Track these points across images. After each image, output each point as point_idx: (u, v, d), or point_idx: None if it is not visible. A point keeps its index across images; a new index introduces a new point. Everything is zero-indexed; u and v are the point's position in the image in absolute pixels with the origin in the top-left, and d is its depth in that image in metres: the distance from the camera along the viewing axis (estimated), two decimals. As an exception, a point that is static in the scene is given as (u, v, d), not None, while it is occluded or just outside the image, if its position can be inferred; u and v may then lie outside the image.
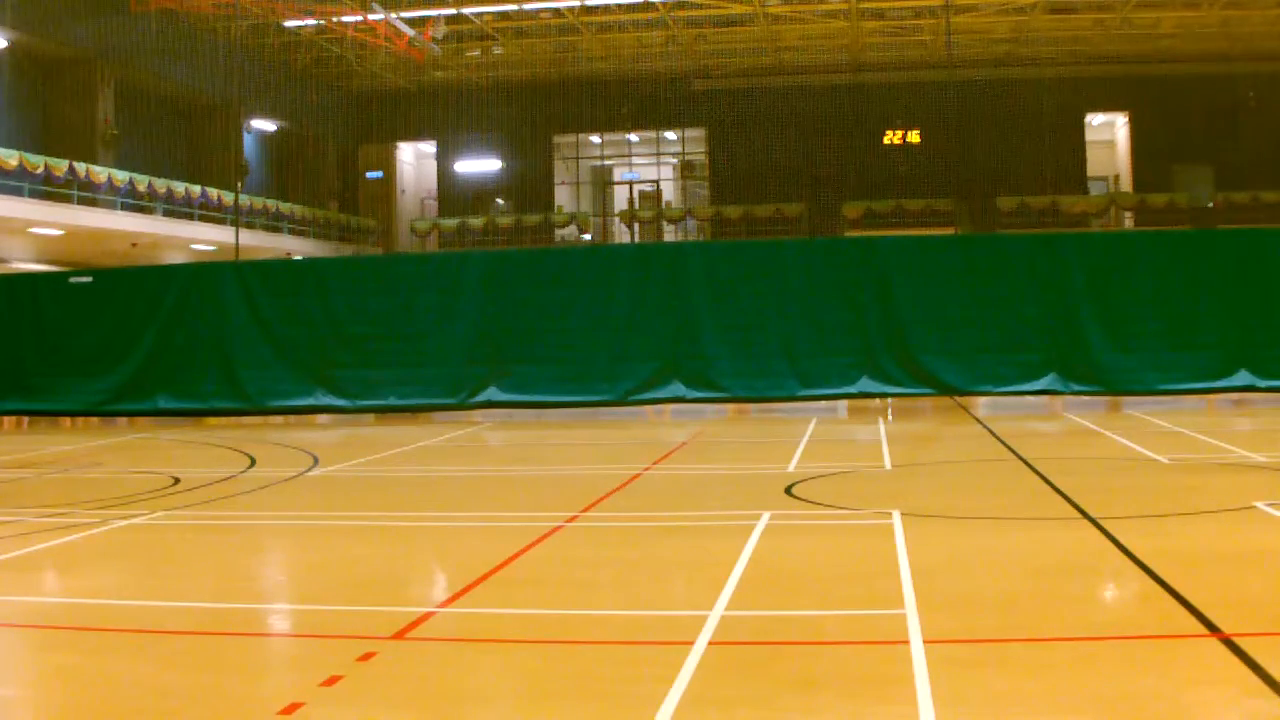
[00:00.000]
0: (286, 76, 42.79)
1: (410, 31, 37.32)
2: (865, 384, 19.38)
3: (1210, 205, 40.48)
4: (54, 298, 21.36)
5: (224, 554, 8.59)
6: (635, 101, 44.24)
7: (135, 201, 33.45)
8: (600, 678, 5.34)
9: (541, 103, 45.05)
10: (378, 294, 20.53)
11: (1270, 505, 9.16)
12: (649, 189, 48.91)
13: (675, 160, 49.26)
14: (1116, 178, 46.45)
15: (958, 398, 20.17)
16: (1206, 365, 18.74)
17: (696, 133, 47.25)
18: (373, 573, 7.80)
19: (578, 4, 37.44)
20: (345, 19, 37.31)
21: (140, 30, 34.70)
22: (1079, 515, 8.96)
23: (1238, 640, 5.44)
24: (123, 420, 21.05)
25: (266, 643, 6.38)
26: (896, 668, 5.23)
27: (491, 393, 19.95)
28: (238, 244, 31.90)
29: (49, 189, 30.08)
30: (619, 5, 38.22)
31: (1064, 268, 19.10)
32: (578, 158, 49.38)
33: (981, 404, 20.40)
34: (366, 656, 5.57)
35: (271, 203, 40.76)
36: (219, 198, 36.74)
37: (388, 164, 49.07)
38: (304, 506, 10.95)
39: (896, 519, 8.93)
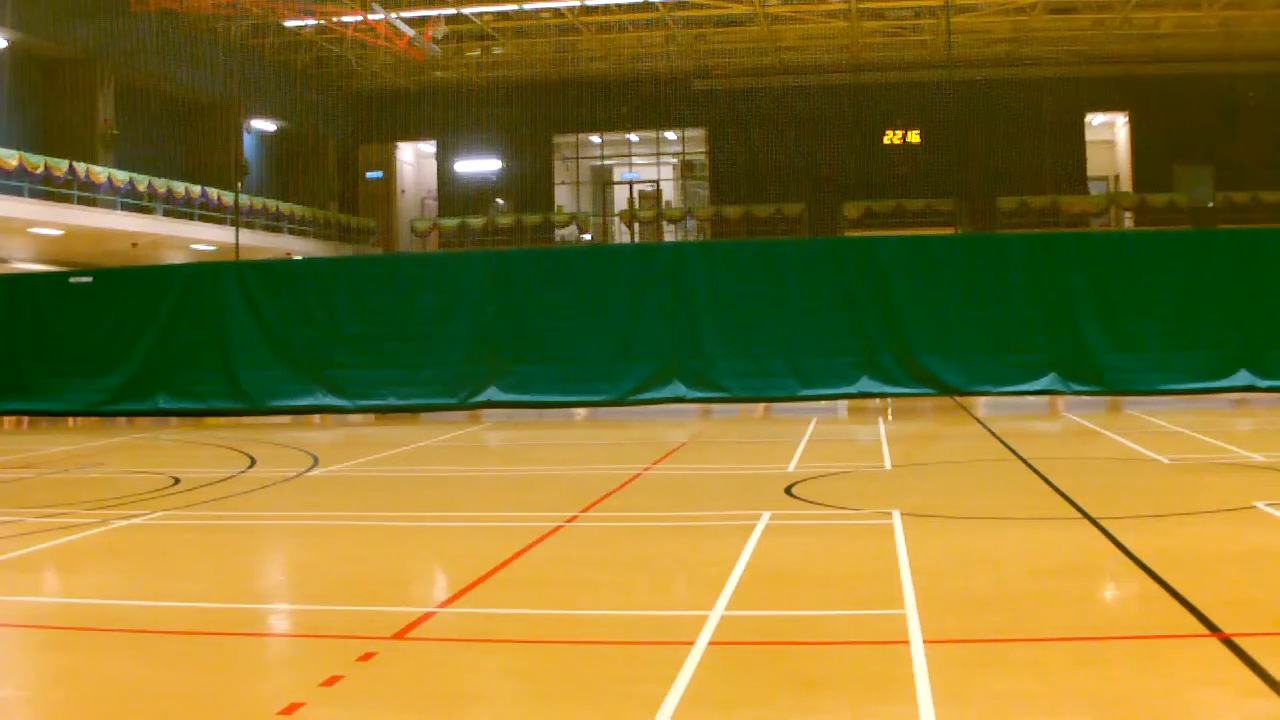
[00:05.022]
0: (286, 76, 42.79)
1: (410, 31, 37.31)
2: (865, 384, 19.38)
3: (1210, 205, 40.46)
4: (54, 298, 21.36)
5: (224, 554, 8.59)
6: (635, 101, 44.22)
7: (135, 201, 33.45)
8: (600, 678, 5.34)
9: (541, 103, 45.04)
10: (378, 294, 20.53)
11: (1270, 505, 9.15)
12: (649, 189, 48.88)
13: (675, 160, 49.24)
14: (1116, 178, 46.44)
15: (958, 398, 20.17)
16: (1206, 365, 18.73)
17: (696, 133, 47.23)
18: (373, 573, 7.79)
19: (578, 4, 37.43)
20: (345, 19, 37.30)
21: (140, 30, 34.70)
22: (1079, 515, 8.95)
23: (1238, 640, 5.44)
24: (123, 420, 21.04)
25: (266, 643, 6.37)
26: (896, 668, 5.23)
27: (491, 393, 19.95)
28: (238, 244, 31.90)
29: (49, 189, 30.07)
30: (619, 5, 38.20)
31: (1064, 268, 19.10)
32: (578, 158, 49.37)
33: (981, 404, 20.39)
34: (366, 656, 5.57)
35: (271, 203, 40.76)
36: (219, 198, 36.75)
37: (388, 164, 49.07)
38: (304, 506, 10.94)
39: (896, 519, 8.92)
